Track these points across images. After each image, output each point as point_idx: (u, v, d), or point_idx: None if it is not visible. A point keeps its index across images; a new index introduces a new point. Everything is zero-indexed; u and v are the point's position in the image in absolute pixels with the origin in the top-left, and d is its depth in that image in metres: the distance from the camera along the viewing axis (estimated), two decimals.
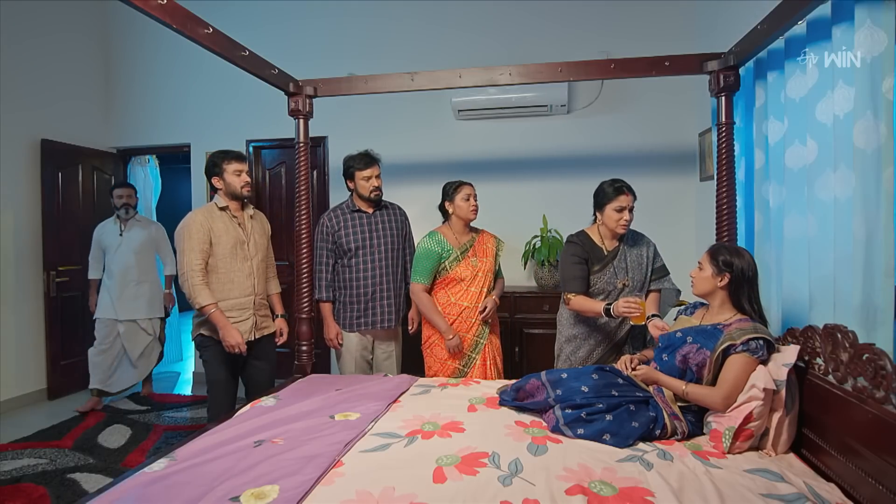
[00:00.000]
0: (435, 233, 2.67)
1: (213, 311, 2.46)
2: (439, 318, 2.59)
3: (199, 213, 2.57)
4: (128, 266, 3.87)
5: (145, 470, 1.50)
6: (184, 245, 2.48)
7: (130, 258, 3.88)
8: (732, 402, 1.66)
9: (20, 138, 4.01)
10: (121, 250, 3.87)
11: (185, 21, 1.88)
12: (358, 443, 1.68)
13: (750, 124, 2.30)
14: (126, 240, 3.89)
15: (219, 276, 2.55)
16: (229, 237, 2.58)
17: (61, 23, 4.33)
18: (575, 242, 2.41)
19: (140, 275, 3.92)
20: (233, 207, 2.64)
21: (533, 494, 1.33)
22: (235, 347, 2.47)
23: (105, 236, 3.90)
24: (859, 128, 1.55)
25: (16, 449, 3.11)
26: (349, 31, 4.24)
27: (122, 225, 3.92)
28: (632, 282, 2.37)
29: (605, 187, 2.35)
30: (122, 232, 3.90)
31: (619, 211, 2.30)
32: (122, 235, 3.90)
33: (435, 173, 4.05)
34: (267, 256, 2.80)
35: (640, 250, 2.42)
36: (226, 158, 2.62)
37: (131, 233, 3.92)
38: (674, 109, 3.80)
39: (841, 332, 1.53)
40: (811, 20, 1.77)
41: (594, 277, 2.37)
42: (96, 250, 3.93)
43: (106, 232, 3.92)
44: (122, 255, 3.87)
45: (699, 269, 1.87)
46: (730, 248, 1.85)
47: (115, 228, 3.91)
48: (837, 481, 1.45)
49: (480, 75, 2.59)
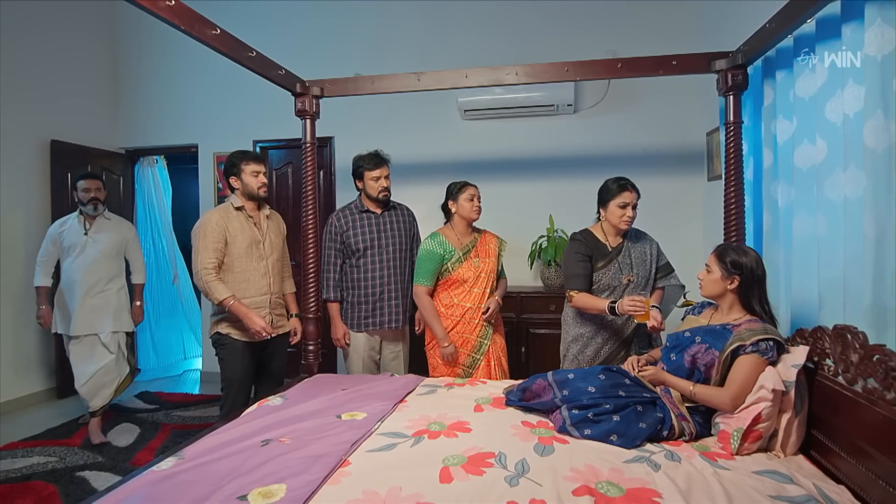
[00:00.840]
0: (437, 234, 2.67)
1: (232, 303, 2.47)
2: (437, 324, 2.59)
3: (215, 212, 2.60)
4: (92, 271, 3.32)
5: (153, 468, 1.50)
6: (198, 244, 2.51)
7: (97, 262, 3.34)
8: (741, 403, 1.64)
9: (30, 139, 4.05)
10: (85, 253, 3.32)
11: (193, 22, 1.88)
12: (364, 442, 1.69)
13: (758, 123, 2.29)
14: (93, 241, 3.35)
15: (234, 275, 2.58)
16: (245, 237, 2.60)
17: (69, 24, 4.37)
18: (578, 240, 2.43)
19: (106, 282, 3.37)
20: (249, 207, 2.67)
21: (540, 495, 1.33)
22: (262, 331, 2.48)
23: (66, 236, 3.34)
24: (869, 127, 1.53)
25: (26, 447, 3.14)
26: (355, 31, 4.25)
27: (86, 223, 3.37)
28: (637, 277, 2.37)
29: (609, 184, 2.37)
30: (87, 231, 3.35)
31: (622, 207, 2.31)
32: (88, 235, 3.34)
33: (441, 173, 4.06)
34: (282, 256, 2.82)
35: (643, 247, 2.43)
36: (244, 159, 2.64)
37: (99, 233, 3.38)
38: (681, 109, 3.78)
39: (851, 333, 1.51)
40: (820, 18, 1.76)
41: (599, 273, 2.37)
42: (50, 252, 3.37)
43: (68, 231, 3.35)
44: (86, 259, 3.31)
45: (707, 272, 1.86)
46: (737, 249, 1.84)
47: (79, 227, 3.35)
48: (847, 483, 1.44)
49: (487, 75, 2.59)
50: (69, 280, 3.32)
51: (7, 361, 3.85)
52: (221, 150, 4.54)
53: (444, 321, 2.61)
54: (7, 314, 3.88)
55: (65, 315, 3.33)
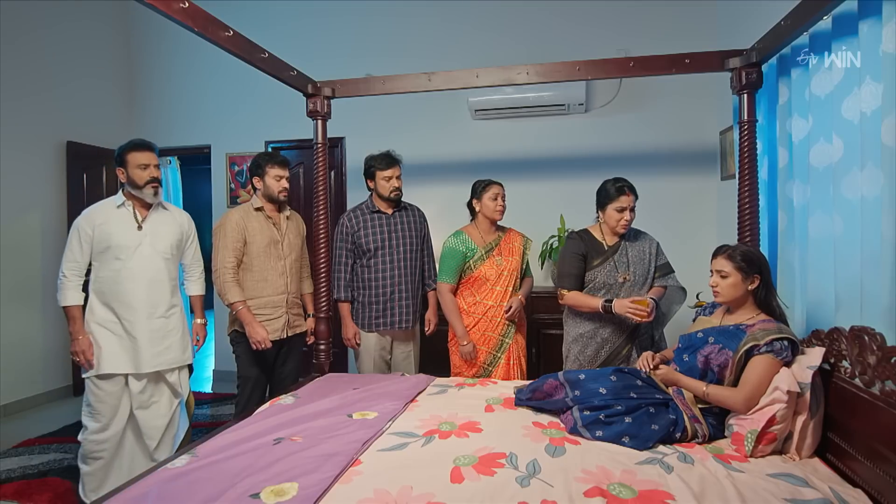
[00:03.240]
0: (460, 232, 2.69)
1: (240, 309, 2.53)
2: (459, 322, 2.61)
3: (236, 212, 2.64)
4: (154, 281, 2.40)
5: (167, 466, 1.52)
6: (219, 242, 2.56)
7: (159, 269, 2.42)
8: (754, 403, 1.63)
9: (46, 140, 4.11)
10: (140, 255, 2.37)
11: (207, 24, 1.90)
12: (376, 442, 1.69)
13: (773, 122, 2.26)
14: (150, 237, 2.40)
15: (253, 273, 2.62)
16: (263, 236, 2.63)
17: (84, 26, 4.43)
18: (573, 238, 2.45)
19: (171, 295, 2.48)
20: (268, 209, 2.70)
21: (551, 496, 1.32)
22: (260, 344, 2.52)
23: (109, 231, 2.33)
24: (887, 125, 1.51)
25: (42, 444, 3.19)
26: (366, 32, 4.27)
27: (137, 213, 2.40)
28: (633, 276, 2.36)
29: (607, 186, 2.37)
30: (141, 224, 2.40)
31: (619, 211, 2.32)
32: (143, 230, 2.40)
33: (451, 173, 4.06)
34: (301, 256, 2.84)
35: (642, 246, 2.42)
36: (269, 162, 2.67)
37: (157, 226, 2.44)
38: (694, 107, 3.74)
39: (868, 335, 1.49)
40: (837, 15, 1.73)
41: (595, 272, 2.38)
42: (83, 255, 2.33)
43: (110, 224, 2.34)
44: (143, 264, 2.37)
45: (721, 277, 1.80)
46: (739, 248, 1.81)
47: (128, 219, 2.37)
48: (864, 487, 1.41)
49: (498, 75, 2.58)
50: (116, 293, 2.35)
51: (24, 359, 3.92)
52: (234, 151, 4.58)
53: (466, 318, 2.63)
54: (23, 314, 3.94)
55: (114, 347, 2.35)
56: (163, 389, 2.47)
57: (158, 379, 2.45)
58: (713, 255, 1.86)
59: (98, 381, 2.35)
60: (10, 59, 3.82)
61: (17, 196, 3.87)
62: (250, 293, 2.60)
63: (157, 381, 2.45)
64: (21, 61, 3.91)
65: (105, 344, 2.35)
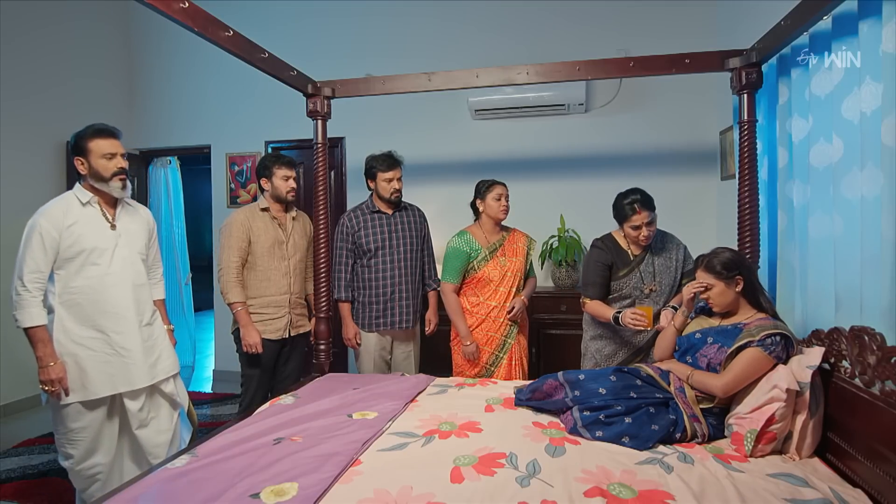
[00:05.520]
0: (464, 232, 2.69)
1: (238, 309, 2.57)
2: (462, 322, 2.61)
3: (242, 212, 2.67)
4: (137, 285, 2.14)
5: (167, 466, 1.52)
6: (224, 242, 2.60)
7: (139, 270, 2.17)
8: (731, 391, 1.67)
9: (46, 140, 4.11)
10: (119, 258, 2.08)
11: (207, 24, 1.90)
12: (376, 442, 1.69)
13: (773, 122, 2.26)
14: (125, 236, 2.12)
15: (257, 273, 2.65)
16: (268, 236, 2.66)
17: (84, 26, 4.42)
18: (600, 248, 2.41)
19: (151, 300, 2.26)
20: (274, 209, 2.73)
21: (551, 496, 1.32)
22: (252, 348, 2.55)
23: (80, 233, 2.00)
24: (888, 125, 1.51)
25: (43, 444, 3.19)
26: (366, 32, 4.26)
27: (105, 211, 2.09)
28: (660, 286, 2.35)
29: (621, 203, 2.30)
30: (113, 223, 2.10)
31: (635, 229, 2.27)
32: (117, 230, 2.10)
33: (451, 173, 4.06)
34: (306, 257, 2.85)
35: (668, 254, 2.39)
36: (277, 163, 2.69)
37: (128, 224, 2.15)
38: (694, 107, 3.74)
39: (868, 335, 1.49)
40: (837, 15, 1.73)
41: (621, 282, 2.36)
42: (46, 261, 1.95)
43: (80, 224, 2.00)
44: (125, 266, 2.10)
45: (706, 289, 1.83)
46: (714, 254, 1.83)
47: (98, 217, 2.06)
48: (864, 487, 1.42)
49: (498, 75, 2.58)
50: (100, 303, 2.03)
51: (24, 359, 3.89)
52: (234, 151, 4.58)
53: (469, 319, 2.63)
54: None
55: (103, 366, 2.04)
56: (160, 403, 2.20)
57: (153, 392, 2.18)
58: (693, 269, 1.88)
59: (81, 407, 2.03)
60: (10, 59, 3.82)
61: (17, 196, 3.86)
62: (253, 292, 2.63)
63: (152, 394, 2.18)
64: (21, 61, 3.91)
65: (89, 366, 2.01)
